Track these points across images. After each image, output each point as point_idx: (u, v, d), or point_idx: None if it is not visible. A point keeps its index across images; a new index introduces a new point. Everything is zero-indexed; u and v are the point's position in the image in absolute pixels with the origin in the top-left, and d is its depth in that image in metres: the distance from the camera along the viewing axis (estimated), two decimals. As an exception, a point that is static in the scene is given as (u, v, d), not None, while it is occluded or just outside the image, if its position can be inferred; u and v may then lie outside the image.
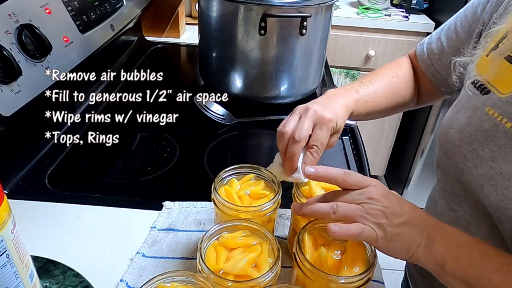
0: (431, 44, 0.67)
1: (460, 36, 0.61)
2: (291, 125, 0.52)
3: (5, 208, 0.38)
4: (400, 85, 0.68)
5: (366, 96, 0.62)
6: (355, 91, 0.62)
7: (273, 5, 0.82)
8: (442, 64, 0.65)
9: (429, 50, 0.67)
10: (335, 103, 0.57)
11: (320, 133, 0.52)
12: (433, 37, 0.67)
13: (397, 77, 0.68)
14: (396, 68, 0.69)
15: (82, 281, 0.50)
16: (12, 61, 0.61)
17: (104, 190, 0.69)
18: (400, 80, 0.68)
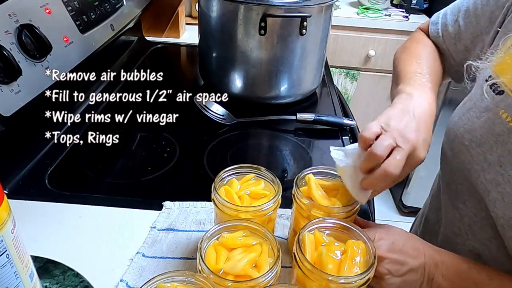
0: (446, 26, 0.63)
1: (480, 22, 0.58)
2: (384, 150, 0.46)
3: (5, 208, 0.38)
4: (439, 68, 0.65)
5: (435, 89, 0.59)
6: (429, 88, 0.57)
7: (273, 5, 0.82)
8: (457, 49, 0.62)
9: (445, 33, 0.64)
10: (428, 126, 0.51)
11: (406, 171, 0.48)
12: (448, 18, 0.63)
13: (436, 61, 0.64)
14: (430, 51, 0.65)
15: (82, 281, 0.50)
16: (12, 61, 0.61)
17: (104, 190, 0.69)
18: (437, 62, 0.65)
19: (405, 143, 0.47)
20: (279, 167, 0.78)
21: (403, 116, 0.49)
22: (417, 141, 0.47)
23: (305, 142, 0.84)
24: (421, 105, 0.52)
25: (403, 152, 0.46)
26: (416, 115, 0.50)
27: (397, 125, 0.48)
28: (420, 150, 0.48)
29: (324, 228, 0.48)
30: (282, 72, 0.91)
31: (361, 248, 0.45)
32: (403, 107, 0.51)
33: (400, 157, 0.46)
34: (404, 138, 0.47)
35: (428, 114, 0.52)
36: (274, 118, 0.88)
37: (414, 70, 0.59)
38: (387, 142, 0.46)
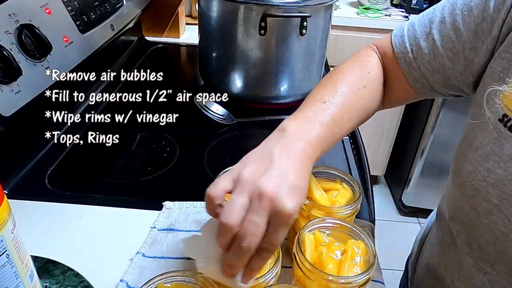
0: (417, 40, 0.51)
1: (461, 36, 0.47)
2: (236, 215, 0.36)
3: (5, 208, 0.37)
4: (367, 99, 0.53)
5: (332, 127, 0.47)
6: (320, 123, 0.45)
7: (273, 5, 0.82)
8: (432, 68, 0.50)
9: (415, 49, 0.51)
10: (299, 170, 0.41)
11: (276, 235, 0.37)
12: (418, 30, 0.51)
13: (365, 88, 0.52)
14: (362, 74, 0.53)
15: (82, 281, 0.50)
16: (12, 61, 0.61)
17: (104, 190, 0.69)
18: (368, 91, 0.52)
19: (260, 199, 0.36)
20: (279, 167, 0.78)
21: (261, 162, 0.40)
22: (277, 192, 0.37)
23: (305, 142, 0.84)
24: (290, 145, 0.42)
25: (257, 213, 0.36)
26: (281, 157, 0.40)
27: (251, 175, 0.38)
28: (285, 202, 0.36)
29: (324, 228, 0.48)
30: (282, 72, 0.91)
31: (361, 248, 0.45)
32: (264, 149, 0.42)
33: (254, 222, 0.36)
34: (259, 193, 0.36)
35: (300, 155, 0.41)
36: (274, 118, 0.88)
37: (318, 98, 0.48)
38: (239, 202, 0.37)
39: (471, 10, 0.46)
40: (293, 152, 0.41)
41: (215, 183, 0.40)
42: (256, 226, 0.36)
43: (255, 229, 0.36)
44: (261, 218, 0.36)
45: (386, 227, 2.05)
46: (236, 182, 0.39)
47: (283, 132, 0.44)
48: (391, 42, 0.54)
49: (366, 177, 0.83)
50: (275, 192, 0.37)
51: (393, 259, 1.62)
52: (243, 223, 0.36)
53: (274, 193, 0.37)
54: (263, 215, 0.36)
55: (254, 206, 0.36)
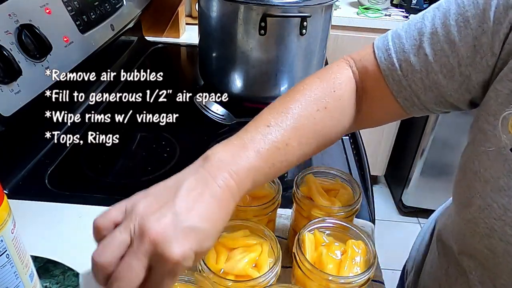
0: (406, 55, 0.45)
1: (457, 50, 0.42)
2: (109, 254, 0.32)
3: (5, 208, 0.38)
4: (327, 121, 0.45)
5: (272, 156, 0.40)
6: (256, 151, 0.39)
7: (273, 5, 0.82)
8: (424, 86, 0.45)
9: (404, 64, 0.45)
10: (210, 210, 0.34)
11: (159, 284, 0.32)
12: (406, 43, 0.45)
13: (325, 110, 0.45)
14: (325, 93, 0.46)
15: (82, 281, 0.50)
16: (12, 61, 0.61)
17: (104, 190, 0.68)
18: (329, 112, 0.45)
19: (141, 239, 0.31)
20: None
21: (163, 196, 0.35)
22: (164, 234, 0.31)
23: (305, 142, 0.84)
24: (209, 178, 0.36)
25: (134, 255, 0.31)
26: (190, 193, 0.34)
27: (144, 209, 0.33)
28: (170, 245, 0.31)
29: (324, 228, 0.48)
30: (282, 72, 0.91)
31: (361, 248, 0.45)
32: (176, 180, 0.36)
33: (134, 264, 0.31)
34: (141, 232, 0.31)
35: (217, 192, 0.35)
36: (274, 118, 0.88)
37: (265, 120, 0.42)
38: (117, 239, 0.32)
39: (468, 21, 0.41)
40: (209, 187, 0.35)
41: (106, 212, 0.35)
42: (132, 272, 0.31)
43: (130, 274, 0.31)
44: (139, 262, 0.31)
45: (386, 227, 2.06)
46: (127, 213, 0.34)
47: (204, 161, 0.38)
48: (375, 56, 0.47)
49: (366, 177, 0.83)
50: (161, 233, 0.31)
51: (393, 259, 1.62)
52: (119, 264, 0.31)
53: (158, 235, 0.31)
54: (142, 259, 0.31)
55: (134, 247, 0.31)
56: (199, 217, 0.33)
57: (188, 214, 0.33)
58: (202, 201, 0.34)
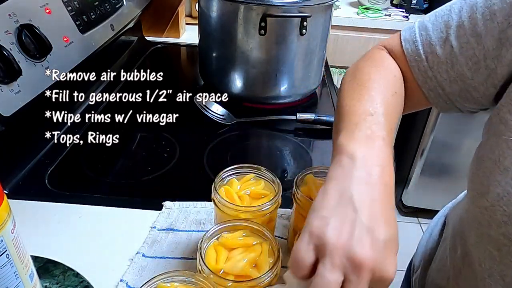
0: (432, 47, 0.46)
1: (483, 43, 0.42)
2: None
3: (5, 208, 0.37)
4: (400, 105, 0.48)
5: (391, 141, 0.42)
6: (382, 139, 0.39)
7: (273, 5, 0.82)
8: (449, 77, 0.46)
9: (431, 57, 0.46)
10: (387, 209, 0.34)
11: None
12: (432, 36, 0.46)
13: (396, 94, 0.47)
14: (390, 79, 0.48)
15: (82, 281, 0.50)
16: (12, 61, 0.61)
17: (104, 190, 0.69)
18: (399, 96, 0.48)
19: (359, 271, 0.30)
20: (279, 167, 0.78)
21: (343, 215, 0.33)
22: (376, 258, 0.31)
23: (305, 142, 0.84)
24: (369, 177, 0.35)
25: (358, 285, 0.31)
26: (364, 201, 0.34)
27: (338, 238, 0.31)
28: (386, 267, 0.31)
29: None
30: (282, 72, 0.91)
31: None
32: (341, 192, 0.34)
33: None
34: (354, 264, 0.30)
35: (382, 189, 0.35)
36: (274, 118, 0.88)
37: (363, 110, 0.42)
38: (331, 281, 0.30)
39: (494, 14, 0.41)
40: (375, 189, 0.35)
41: (297, 260, 0.32)
42: None
43: None
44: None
45: (386, 227, 2.05)
46: (321, 249, 0.32)
47: (352, 160, 0.37)
48: (402, 47, 0.49)
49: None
50: (374, 258, 0.31)
51: (393, 259, 1.62)
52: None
53: (373, 261, 0.30)
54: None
55: (352, 281, 0.30)
56: (386, 225, 0.33)
57: (379, 227, 0.33)
58: (379, 208, 0.34)
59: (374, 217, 0.33)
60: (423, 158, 1.89)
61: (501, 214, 0.40)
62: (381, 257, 0.31)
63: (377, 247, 0.31)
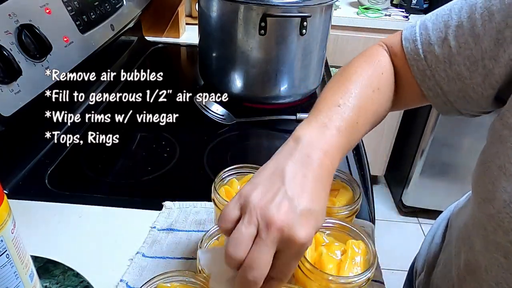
0: (431, 46, 0.47)
1: (481, 44, 0.43)
2: (242, 249, 0.34)
3: (5, 208, 0.38)
4: (380, 102, 0.49)
5: (349, 134, 0.43)
6: (337, 129, 0.41)
7: (273, 5, 0.82)
8: (448, 76, 0.46)
9: (429, 56, 0.47)
10: (316, 189, 0.37)
11: (286, 265, 0.35)
12: (432, 35, 0.47)
13: (378, 90, 0.48)
14: (376, 76, 0.49)
15: (82, 281, 0.50)
16: (12, 61, 0.61)
17: (104, 190, 0.69)
18: (381, 93, 0.48)
19: (268, 229, 0.33)
20: (279, 167, 0.78)
21: (271, 184, 0.36)
22: (288, 221, 0.34)
23: (305, 142, 0.84)
24: (306, 158, 0.38)
25: (264, 244, 0.33)
26: (295, 177, 0.37)
27: (260, 200, 0.35)
28: (296, 230, 0.34)
29: (324, 228, 0.48)
30: (282, 72, 0.91)
31: (361, 248, 0.45)
32: (276, 166, 0.38)
33: (260, 254, 0.33)
34: (267, 222, 0.34)
35: (317, 170, 0.38)
36: (274, 118, 0.88)
37: (332, 101, 0.44)
38: (245, 234, 0.34)
39: (493, 14, 0.42)
40: (309, 168, 0.38)
41: (224, 214, 0.36)
42: (263, 259, 0.34)
43: (261, 262, 0.34)
44: (269, 250, 0.34)
45: (386, 227, 2.06)
46: (244, 208, 0.36)
47: (296, 142, 0.40)
48: (402, 45, 0.50)
49: (366, 177, 0.83)
50: (285, 221, 0.34)
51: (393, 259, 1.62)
52: (249, 254, 0.34)
53: (283, 222, 0.34)
54: (271, 246, 0.34)
55: (262, 237, 0.34)
56: (310, 199, 0.36)
57: (300, 198, 0.35)
58: (307, 183, 0.37)
59: (298, 190, 0.36)
60: (423, 158, 1.89)
61: (508, 222, 0.40)
62: (293, 222, 0.34)
63: (292, 213, 0.34)
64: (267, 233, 0.34)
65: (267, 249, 0.34)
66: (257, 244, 0.34)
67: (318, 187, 0.37)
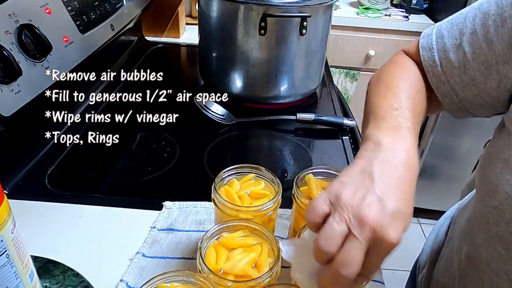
0: (446, 53, 0.48)
1: (495, 48, 0.44)
2: (333, 244, 0.35)
3: (5, 208, 0.37)
4: (423, 102, 0.50)
5: (416, 132, 0.44)
6: (407, 130, 0.43)
7: (273, 5, 0.82)
8: (462, 82, 0.48)
9: (444, 62, 0.49)
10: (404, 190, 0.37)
11: (375, 263, 0.36)
12: (447, 42, 0.49)
13: (420, 91, 0.50)
14: (413, 78, 0.51)
15: (82, 281, 0.50)
16: (12, 61, 0.61)
17: (104, 190, 0.69)
18: (422, 94, 0.50)
19: (361, 228, 0.34)
20: (279, 167, 0.78)
21: (360, 183, 0.37)
22: (380, 221, 0.34)
23: (305, 142, 0.84)
24: (392, 159, 0.39)
25: (358, 242, 0.34)
26: (383, 177, 0.37)
27: (351, 199, 0.35)
28: (388, 231, 0.34)
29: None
30: (282, 72, 0.91)
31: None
32: (363, 166, 0.38)
33: (354, 251, 0.34)
34: (359, 221, 0.34)
35: (403, 171, 0.38)
36: (274, 118, 0.88)
37: (388, 105, 0.45)
38: (337, 230, 0.35)
39: (505, 20, 0.43)
40: (396, 169, 0.38)
41: (313, 208, 0.37)
42: (357, 256, 0.34)
43: (356, 259, 0.34)
44: (361, 247, 0.34)
45: (386, 227, 2.05)
46: (335, 205, 0.36)
47: (377, 145, 0.40)
48: (419, 54, 0.51)
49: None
50: (377, 220, 0.34)
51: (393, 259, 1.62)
52: (342, 250, 0.35)
53: (376, 222, 0.34)
54: (364, 244, 0.34)
55: (355, 235, 0.34)
56: (399, 200, 0.36)
57: (390, 199, 0.36)
58: (395, 184, 0.37)
59: (388, 191, 0.36)
60: (422, 159, 1.89)
61: (509, 213, 0.41)
62: (385, 222, 0.34)
63: (384, 214, 0.35)
64: (360, 231, 0.34)
65: (361, 247, 0.34)
66: (351, 241, 0.34)
67: (406, 188, 0.38)
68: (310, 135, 0.87)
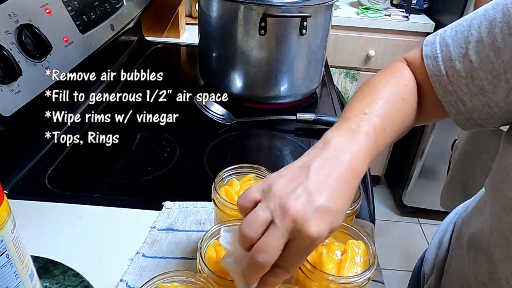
0: (452, 62, 0.47)
1: (503, 57, 0.43)
2: (254, 229, 0.35)
3: (5, 208, 0.37)
4: (406, 112, 0.49)
5: (377, 140, 0.44)
6: (366, 134, 0.42)
7: (273, 5, 0.82)
8: (470, 91, 0.46)
9: (451, 71, 0.47)
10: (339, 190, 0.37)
11: (295, 256, 0.36)
12: (452, 51, 0.47)
13: (403, 101, 0.49)
14: (401, 87, 0.50)
15: (82, 281, 0.50)
16: (12, 61, 0.61)
17: (104, 190, 0.69)
18: (406, 104, 0.49)
19: (283, 217, 0.34)
20: (279, 167, 0.77)
21: (296, 176, 0.37)
22: (303, 213, 0.34)
23: (305, 142, 0.84)
24: (335, 158, 0.39)
25: (277, 231, 0.34)
26: (319, 173, 0.37)
27: (281, 190, 0.36)
28: (309, 224, 0.34)
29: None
30: (282, 72, 0.91)
31: (361, 248, 0.45)
32: (304, 162, 0.39)
33: (272, 239, 0.34)
34: (283, 210, 0.35)
35: (343, 171, 0.38)
36: (274, 118, 0.88)
37: (360, 109, 0.45)
38: (260, 216, 0.35)
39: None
40: (335, 168, 0.38)
41: (246, 193, 0.38)
42: (274, 244, 0.34)
43: (272, 247, 0.34)
44: (281, 237, 0.35)
45: (386, 227, 2.06)
46: (266, 193, 0.37)
47: (326, 144, 0.40)
48: (423, 62, 0.50)
49: (366, 177, 0.83)
50: (301, 212, 0.34)
51: (393, 259, 1.62)
52: (262, 237, 0.35)
53: (298, 213, 0.34)
54: (284, 234, 0.35)
55: (276, 223, 0.35)
56: (330, 197, 0.36)
57: (320, 195, 0.36)
58: (331, 182, 0.37)
59: (320, 186, 0.36)
60: (423, 159, 1.89)
61: None
62: (308, 215, 0.35)
63: (309, 207, 0.35)
64: (281, 220, 0.35)
65: (279, 236, 0.34)
66: (271, 229, 0.35)
67: (341, 187, 0.38)
68: (310, 135, 0.87)
